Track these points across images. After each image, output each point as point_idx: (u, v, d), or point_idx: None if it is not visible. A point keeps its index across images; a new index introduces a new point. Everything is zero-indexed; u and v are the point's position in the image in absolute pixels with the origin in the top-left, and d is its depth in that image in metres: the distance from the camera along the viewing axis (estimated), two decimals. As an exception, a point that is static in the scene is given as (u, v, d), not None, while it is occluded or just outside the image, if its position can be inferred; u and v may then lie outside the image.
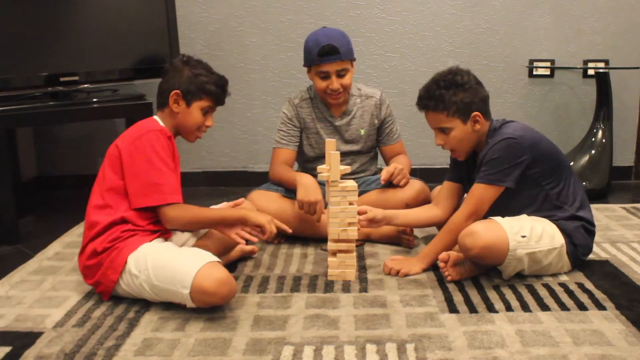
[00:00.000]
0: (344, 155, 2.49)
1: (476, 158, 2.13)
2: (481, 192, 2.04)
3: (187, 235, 2.11)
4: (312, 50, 2.38)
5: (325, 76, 2.40)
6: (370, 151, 2.61)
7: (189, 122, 2.03)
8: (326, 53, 2.35)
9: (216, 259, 1.85)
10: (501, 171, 2.00)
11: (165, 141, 1.95)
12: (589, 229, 2.10)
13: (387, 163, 2.62)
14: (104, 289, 1.90)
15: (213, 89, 2.03)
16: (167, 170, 1.92)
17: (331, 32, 2.42)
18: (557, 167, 2.07)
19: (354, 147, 2.55)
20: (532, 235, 1.96)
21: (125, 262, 1.85)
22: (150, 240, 1.91)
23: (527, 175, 2.03)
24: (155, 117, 2.06)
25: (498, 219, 1.99)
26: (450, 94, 2.02)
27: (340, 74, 2.40)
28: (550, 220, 2.04)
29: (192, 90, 2.00)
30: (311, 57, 2.40)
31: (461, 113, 2.03)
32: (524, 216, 2.06)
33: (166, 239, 1.99)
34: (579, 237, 2.06)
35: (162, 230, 1.96)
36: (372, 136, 2.59)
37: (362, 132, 2.55)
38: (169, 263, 1.81)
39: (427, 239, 2.49)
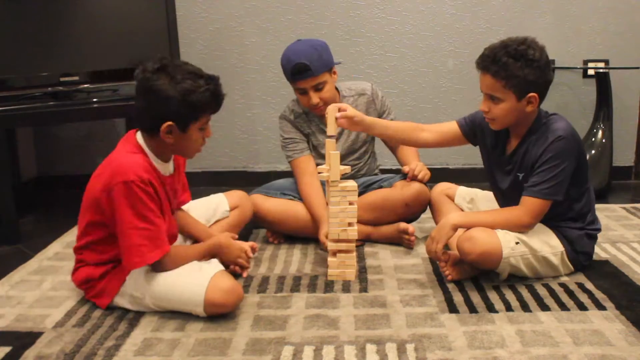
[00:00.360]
0: (349, 158, 2.49)
1: (505, 150, 2.07)
2: (542, 207, 1.94)
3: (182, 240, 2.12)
4: (286, 69, 2.34)
5: (304, 92, 2.35)
6: (361, 149, 2.57)
7: (188, 146, 1.82)
8: (297, 72, 2.28)
9: (220, 266, 1.84)
10: (558, 184, 1.92)
11: (141, 190, 1.71)
12: (592, 234, 2.09)
13: (391, 150, 2.61)
14: (99, 305, 1.89)
15: (209, 102, 1.76)
16: (146, 225, 1.73)
17: (301, 48, 2.32)
18: (585, 178, 2.05)
19: (357, 149, 2.54)
20: (527, 241, 1.96)
21: (120, 286, 1.83)
22: None
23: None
24: (139, 138, 1.80)
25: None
26: (517, 67, 1.86)
27: (317, 88, 2.32)
28: (556, 227, 2.04)
29: (186, 114, 1.73)
30: (286, 75, 2.36)
31: (519, 89, 1.88)
32: None
33: None
34: (582, 244, 2.06)
35: None
36: (365, 134, 2.56)
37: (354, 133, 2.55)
38: (175, 282, 1.79)
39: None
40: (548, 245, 2.00)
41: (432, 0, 3.31)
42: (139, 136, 1.83)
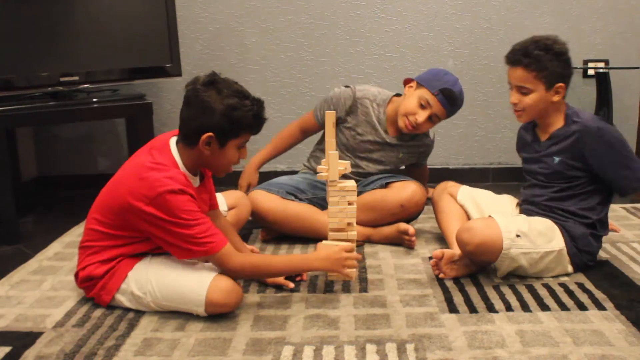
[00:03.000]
0: (375, 165, 2.53)
1: (536, 136, 2.16)
2: None
3: None
4: (439, 78, 2.38)
5: (424, 106, 2.38)
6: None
7: (223, 162, 1.82)
8: (447, 96, 2.36)
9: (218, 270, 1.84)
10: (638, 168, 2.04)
11: (183, 199, 1.71)
12: (597, 235, 2.10)
13: (408, 172, 2.65)
14: (99, 304, 1.90)
15: (251, 122, 1.78)
16: (199, 222, 1.73)
17: (459, 87, 2.41)
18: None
19: (381, 162, 2.54)
20: (528, 235, 1.97)
21: (122, 283, 1.83)
22: (145, 254, 1.86)
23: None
24: (173, 147, 1.81)
25: (496, 217, 2.00)
26: (547, 58, 2.00)
27: (431, 118, 2.39)
28: (563, 222, 2.05)
29: (227, 129, 1.75)
30: (431, 81, 2.39)
31: (548, 79, 2.02)
32: (522, 216, 2.06)
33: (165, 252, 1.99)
34: (585, 242, 2.06)
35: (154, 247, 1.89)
36: (404, 160, 2.61)
37: (401, 154, 2.56)
38: (176, 282, 1.79)
39: (428, 240, 2.49)
40: (549, 240, 2.01)
41: (432, 0, 3.31)
42: (172, 147, 1.82)
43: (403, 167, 2.68)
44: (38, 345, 1.67)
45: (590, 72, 3.31)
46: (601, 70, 3.19)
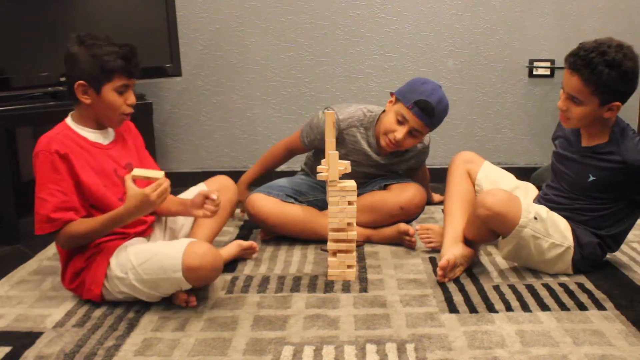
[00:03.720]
0: (362, 176, 2.46)
1: (579, 136, 2.06)
2: None
3: (179, 225, 2.14)
4: (414, 91, 2.26)
5: (402, 122, 2.28)
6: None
7: (107, 109, 1.87)
8: (423, 108, 2.23)
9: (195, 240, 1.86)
10: None
11: (46, 160, 1.79)
12: (604, 247, 2.09)
13: (408, 175, 2.62)
14: (93, 300, 1.91)
15: (119, 64, 1.83)
16: (45, 195, 1.79)
17: (441, 96, 2.27)
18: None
19: (375, 171, 2.52)
20: (545, 221, 1.98)
21: (106, 272, 1.84)
22: (124, 241, 1.90)
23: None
24: (68, 118, 1.92)
25: (520, 196, 2.03)
26: (610, 77, 1.83)
27: (412, 133, 2.29)
28: (577, 226, 2.04)
29: (95, 74, 1.82)
30: (407, 95, 2.27)
31: (604, 96, 1.87)
32: (542, 206, 2.05)
33: (147, 237, 2.03)
34: (591, 251, 2.05)
35: (130, 232, 1.95)
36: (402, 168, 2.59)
37: (400, 171, 2.57)
38: (154, 255, 1.81)
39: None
40: (561, 235, 2.01)
41: (432, 0, 3.31)
42: (67, 118, 1.93)
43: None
44: (38, 345, 1.67)
45: (590, 72, 3.31)
46: (601, 70, 3.19)
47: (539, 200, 2.19)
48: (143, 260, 1.81)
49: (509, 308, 1.85)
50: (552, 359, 1.57)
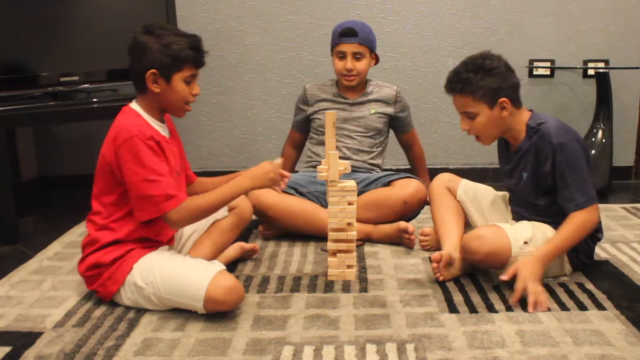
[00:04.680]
0: (350, 133, 2.61)
1: (508, 147, 2.11)
2: (592, 211, 1.96)
3: (185, 237, 2.13)
4: (335, 31, 2.58)
5: (342, 56, 2.56)
6: (376, 136, 2.64)
7: (175, 98, 1.88)
8: (345, 34, 2.54)
9: (222, 266, 1.84)
10: (589, 191, 1.96)
11: (145, 145, 1.80)
12: (594, 237, 2.09)
13: (403, 148, 2.85)
14: (102, 297, 1.91)
15: (190, 54, 1.85)
16: (156, 177, 1.79)
17: (356, 21, 2.63)
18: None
19: (361, 126, 2.62)
20: (533, 240, 1.96)
21: (127, 275, 1.83)
22: (153, 250, 1.89)
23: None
24: (133, 105, 1.91)
25: (503, 225, 2.00)
26: (478, 78, 1.95)
27: (356, 57, 2.55)
28: (553, 226, 2.03)
29: (167, 63, 1.82)
30: (334, 38, 2.59)
31: (488, 98, 1.96)
32: (524, 222, 2.05)
33: (170, 247, 2.00)
34: (582, 244, 2.04)
35: (163, 241, 1.95)
36: (382, 120, 2.64)
37: (372, 110, 2.63)
38: (179, 275, 1.80)
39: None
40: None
41: (432, 0, 3.32)
42: (133, 104, 1.92)
43: (386, 135, 2.71)
44: (38, 345, 1.67)
45: (590, 72, 3.31)
46: (601, 70, 3.19)
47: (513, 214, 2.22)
48: (167, 280, 1.80)
49: (509, 308, 1.85)
50: (552, 359, 1.57)
